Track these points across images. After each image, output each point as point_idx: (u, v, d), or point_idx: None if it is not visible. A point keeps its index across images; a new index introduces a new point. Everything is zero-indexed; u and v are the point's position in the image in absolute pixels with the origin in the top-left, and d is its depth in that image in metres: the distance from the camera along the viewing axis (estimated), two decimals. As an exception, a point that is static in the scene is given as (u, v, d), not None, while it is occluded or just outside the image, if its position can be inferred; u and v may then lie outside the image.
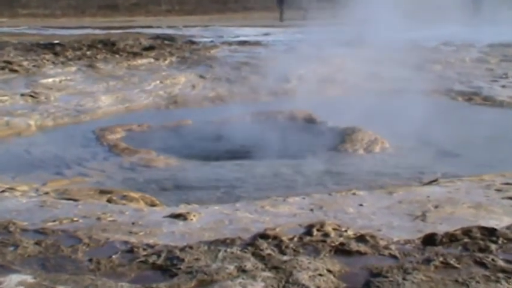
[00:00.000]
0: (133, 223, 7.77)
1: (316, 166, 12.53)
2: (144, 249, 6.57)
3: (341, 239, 6.75)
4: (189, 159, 13.19)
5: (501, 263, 5.97)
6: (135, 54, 26.01)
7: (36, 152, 13.78)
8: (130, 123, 16.34)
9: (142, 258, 6.30)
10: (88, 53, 26.05)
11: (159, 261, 6.19)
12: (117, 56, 25.66)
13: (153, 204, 9.75)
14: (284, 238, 6.78)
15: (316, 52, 24.08)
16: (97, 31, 39.96)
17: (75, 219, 7.90)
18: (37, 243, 6.74)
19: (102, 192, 10.12)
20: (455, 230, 6.87)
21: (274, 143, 13.87)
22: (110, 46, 28.04)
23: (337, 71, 21.92)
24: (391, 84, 20.29)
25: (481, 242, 6.46)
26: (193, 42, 30.98)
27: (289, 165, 12.57)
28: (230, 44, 30.71)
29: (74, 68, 22.72)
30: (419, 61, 23.66)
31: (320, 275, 5.75)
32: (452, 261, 5.98)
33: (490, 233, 6.76)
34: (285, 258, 6.15)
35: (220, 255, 6.22)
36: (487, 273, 5.77)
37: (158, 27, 43.51)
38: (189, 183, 11.52)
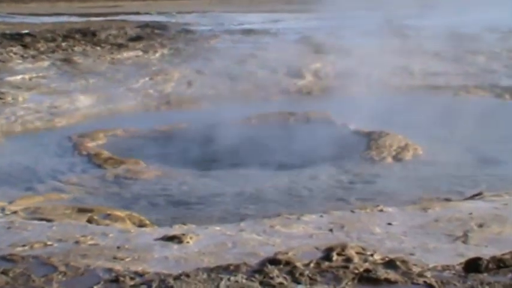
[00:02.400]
0: (118, 247, 7.74)
1: (336, 177, 12.51)
2: (132, 279, 6.55)
3: (366, 265, 6.71)
4: (185, 169, 13.19)
5: (559, 292, 5.92)
6: (120, 46, 26.11)
7: (2, 164, 13.79)
8: (114, 127, 16.36)
9: (130, 289, 6.28)
10: (63, 44, 26.16)
11: (150, 293, 6.14)
12: (98, 48, 25.75)
13: (141, 225, 9.73)
14: (298, 264, 6.75)
15: (334, 42, 24.13)
16: (74, 18, 40.16)
17: (49, 243, 7.88)
18: (3, 273, 6.71)
19: (81, 210, 10.11)
20: (504, 254, 6.83)
21: (285, 151, 13.86)
22: (89, 36, 28.17)
23: (359, 64, 21.88)
24: (424, 80, 20.32)
25: (535, 268, 6.42)
26: (188, 32, 31.10)
27: (304, 177, 12.56)
28: (232, 33, 30.81)
29: (46, 63, 22.81)
30: (458, 52, 23.67)
31: (342, 308, 5.70)
32: (500, 291, 5.95)
33: (546, 256, 6.71)
34: (300, 288, 6.13)
35: (222, 284, 6.19)
36: (542, 305, 5.73)
37: (147, 13, 43.71)
38: (185, 199, 11.51)
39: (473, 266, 6.71)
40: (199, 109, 18.91)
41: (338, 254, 7.13)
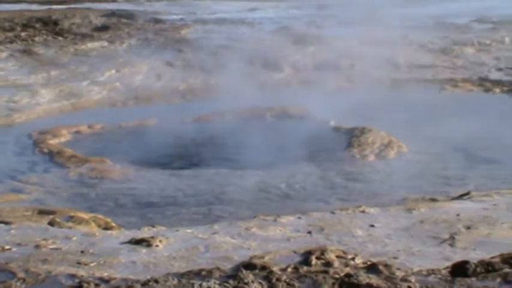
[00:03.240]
0: (82, 251, 7.72)
1: (315, 176, 12.53)
2: (97, 285, 6.52)
3: (347, 269, 6.73)
4: (154, 168, 13.18)
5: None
6: (84, 36, 25.96)
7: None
8: (78, 124, 16.29)
9: (94, 296, 6.25)
10: (23, 34, 25.96)
11: (116, 300, 6.13)
12: (60, 38, 25.59)
13: (107, 227, 9.70)
14: (275, 268, 6.75)
15: (315, 32, 24.18)
16: (34, 6, 39.85)
17: (7, 247, 7.83)
18: (-42, 279, 6.68)
19: (42, 212, 10.06)
20: (493, 257, 6.87)
21: (261, 148, 13.86)
22: (51, 26, 27.98)
23: (341, 56, 21.97)
24: (409, 73, 20.39)
25: (525, 272, 6.46)
26: (158, 21, 30.97)
27: (281, 176, 12.58)
28: (205, 22, 30.73)
29: (4, 54, 22.63)
30: (445, 43, 23.82)
31: (321, 315, 5.71)
32: (488, 296, 5.98)
33: (536, 259, 6.77)
34: (277, 294, 6.14)
35: (193, 291, 6.19)
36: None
37: (113, 1, 43.49)
38: (154, 200, 11.49)
39: (460, 270, 6.75)
40: (170, 104, 18.87)
41: (317, 258, 7.15)
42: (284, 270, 6.87)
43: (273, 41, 24.27)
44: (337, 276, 6.72)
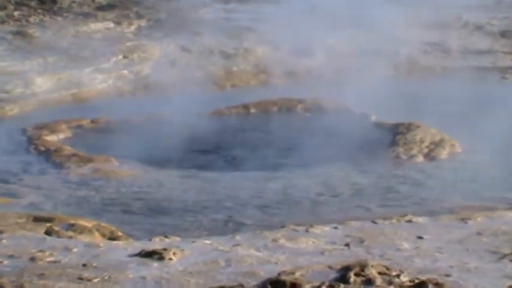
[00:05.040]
0: (84, 265, 7.74)
1: (355, 179, 12.50)
2: (101, 304, 6.55)
3: (391, 288, 6.72)
4: (166, 168, 13.20)
5: None
6: (86, 16, 26.02)
7: None
8: (79, 117, 16.34)
9: (98, 317, 6.28)
10: (16, 14, 26.07)
11: (123, 321, 6.15)
12: (59, 18, 25.67)
13: (113, 237, 9.72)
14: (307, 286, 6.75)
15: (353, 11, 24.06)
16: (29, -18, 40.03)
17: (-2, 259, 7.89)
18: None
19: (38, 219, 10.09)
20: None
21: (291, 146, 13.85)
22: (48, 4, 28.05)
23: (383, 40, 21.88)
24: (463, 60, 20.29)
25: None
26: (171, -2, 31.02)
27: (315, 179, 12.55)
28: (226, 1, 30.72)
29: (-5, 37, 22.77)
30: (506, 24, 23.65)
31: None
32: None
33: None
34: (309, 316, 6.13)
35: (212, 311, 6.19)
36: None
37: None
38: (167, 205, 11.50)
39: (524, 290, 6.72)
40: (185, 95, 18.87)
41: (356, 275, 7.13)
42: (318, 288, 6.87)
43: (303, 22, 24.19)
44: (379, 295, 6.71)
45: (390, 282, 6.97)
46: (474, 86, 17.56)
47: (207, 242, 8.82)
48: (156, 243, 8.76)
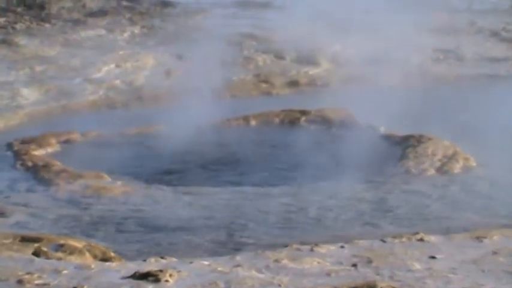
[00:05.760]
0: None
1: (363, 195, 12.50)
2: (92, 328, 6.54)
3: (402, 311, 6.71)
4: (162, 185, 13.19)
5: None
6: (76, 23, 26.09)
7: None
8: (69, 131, 16.32)
9: None
10: (1, 20, 26.11)
11: None
12: (47, 25, 25.73)
13: (105, 258, 9.72)
14: (312, 310, 6.75)
15: (359, 17, 24.11)
16: (16, -13, 40.15)
17: (-18, 282, 7.88)
18: None
19: (26, 239, 10.08)
20: None
21: (295, 160, 13.85)
22: (35, 10, 28.11)
23: (392, 47, 21.90)
24: (477, 68, 20.32)
25: None
26: (166, 4, 31.04)
27: (320, 194, 12.56)
28: (225, 5, 30.75)
29: (-21, 45, 22.81)
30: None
31: None
32: None
33: None
34: None
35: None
36: None
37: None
38: (162, 223, 11.48)
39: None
40: (181, 106, 18.88)
41: (365, 297, 7.13)
42: (324, 311, 6.87)
43: (308, 29, 24.23)
44: (389, 319, 6.71)
45: (401, 305, 6.97)
46: (489, 95, 17.54)
47: (206, 262, 8.82)
48: (151, 264, 8.76)
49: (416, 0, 23.91)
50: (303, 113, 17.13)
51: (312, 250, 9.20)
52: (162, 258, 9.37)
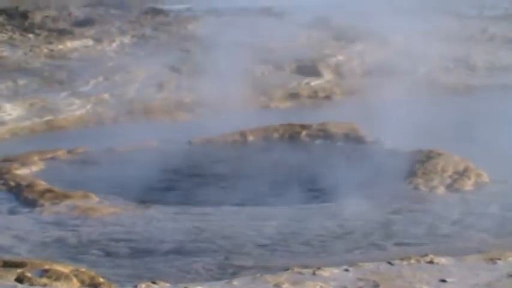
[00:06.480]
0: (60, 315, 7.74)
1: (367, 214, 12.49)
2: None
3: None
4: (153, 204, 13.19)
5: None
6: (62, 33, 26.11)
7: None
8: (54, 148, 16.35)
9: None
10: (-18, 31, 26.20)
11: None
12: (30, 35, 25.78)
13: (93, 283, 9.70)
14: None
15: (363, 25, 24.17)
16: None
17: (-39, 310, 7.87)
18: None
19: (8, 264, 10.07)
20: None
21: (295, 178, 13.86)
22: (18, 19, 28.18)
23: (398, 56, 21.96)
24: (489, 78, 20.37)
25: None
26: (158, 12, 31.12)
27: (323, 214, 12.56)
28: (220, 13, 30.82)
29: (-42, 57, 22.85)
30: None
31: None
32: None
33: None
34: None
35: None
36: None
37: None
38: (154, 246, 11.48)
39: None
40: (174, 121, 18.92)
41: (371, 324, 7.12)
42: None
43: (308, 37, 24.30)
44: None
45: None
46: (503, 107, 17.57)
47: None
48: (142, 290, 8.76)
49: (424, 7, 23.95)
50: (304, 127, 17.15)
51: (314, 274, 9.17)
52: (153, 283, 9.35)
